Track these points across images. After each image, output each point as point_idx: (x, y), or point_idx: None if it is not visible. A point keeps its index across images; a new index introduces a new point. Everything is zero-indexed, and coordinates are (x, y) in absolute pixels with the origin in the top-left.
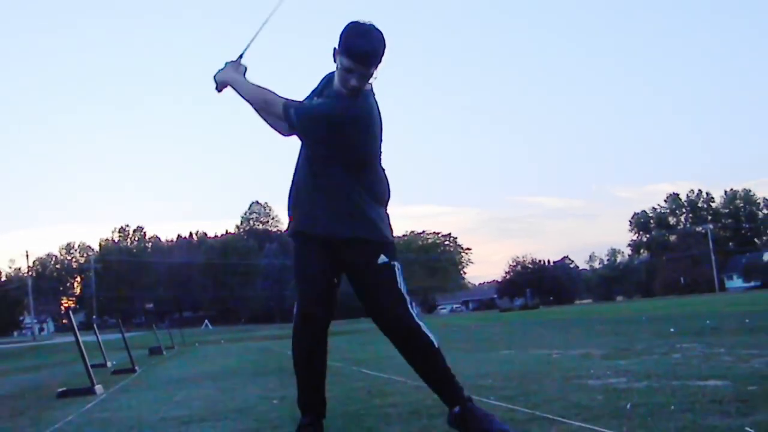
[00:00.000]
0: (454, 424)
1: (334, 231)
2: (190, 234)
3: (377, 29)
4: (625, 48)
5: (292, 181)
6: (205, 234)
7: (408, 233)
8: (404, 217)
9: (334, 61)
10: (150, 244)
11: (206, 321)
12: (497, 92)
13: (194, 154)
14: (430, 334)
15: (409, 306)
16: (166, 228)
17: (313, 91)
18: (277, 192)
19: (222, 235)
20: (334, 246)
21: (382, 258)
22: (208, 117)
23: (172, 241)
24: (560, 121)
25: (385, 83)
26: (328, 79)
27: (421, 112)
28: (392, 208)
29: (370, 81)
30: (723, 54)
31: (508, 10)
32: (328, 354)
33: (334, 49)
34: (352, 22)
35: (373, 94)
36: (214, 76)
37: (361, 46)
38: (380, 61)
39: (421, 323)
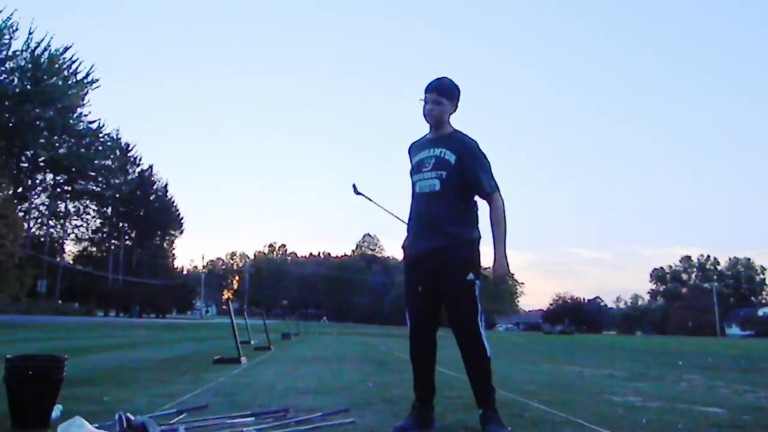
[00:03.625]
0: (480, 422)
1: None
2: (319, 253)
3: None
4: (660, 133)
5: None
6: (329, 254)
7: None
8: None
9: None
10: (290, 257)
11: (324, 317)
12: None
13: (331, 193)
14: (487, 346)
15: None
16: (302, 246)
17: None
18: (382, 226)
19: (341, 255)
20: None
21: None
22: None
23: (305, 256)
24: (601, 188)
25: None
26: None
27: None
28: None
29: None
30: (740, 140)
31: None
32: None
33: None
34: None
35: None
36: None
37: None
38: (447, 92)
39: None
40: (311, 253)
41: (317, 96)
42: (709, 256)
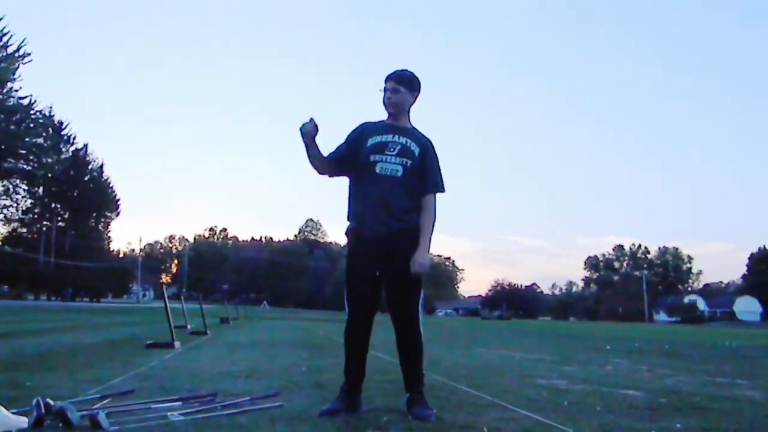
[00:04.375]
0: (406, 405)
1: None
2: (261, 237)
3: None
4: (597, 125)
5: None
6: (271, 238)
7: None
8: None
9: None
10: (230, 241)
11: (265, 302)
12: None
13: (272, 175)
14: (421, 331)
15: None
16: (243, 230)
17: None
18: (324, 211)
19: (283, 240)
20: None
21: None
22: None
23: (246, 240)
24: (541, 177)
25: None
26: (365, 127)
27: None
28: None
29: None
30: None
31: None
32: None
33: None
34: None
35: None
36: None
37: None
38: (406, 82)
39: (420, 320)
40: (253, 238)
41: (261, 74)
42: (640, 246)
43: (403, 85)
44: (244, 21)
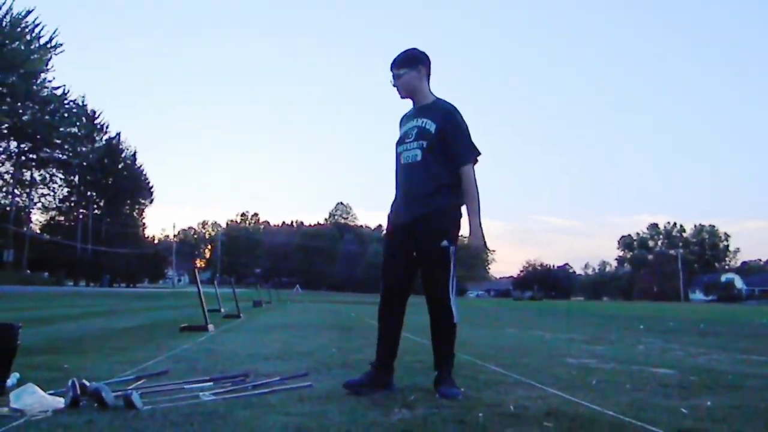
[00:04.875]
0: (433, 383)
1: None
2: (292, 222)
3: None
4: (631, 103)
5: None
6: (302, 222)
7: None
8: None
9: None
10: (262, 226)
11: (297, 286)
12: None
13: (302, 160)
14: (455, 312)
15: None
16: (275, 215)
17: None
18: (354, 195)
19: (314, 224)
20: None
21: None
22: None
23: (278, 225)
24: (573, 156)
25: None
26: (400, 120)
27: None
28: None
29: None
30: (707, 110)
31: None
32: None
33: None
34: None
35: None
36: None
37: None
38: (404, 62)
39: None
40: (284, 222)
41: (293, 62)
42: (675, 224)
43: (402, 68)
44: (272, 5)
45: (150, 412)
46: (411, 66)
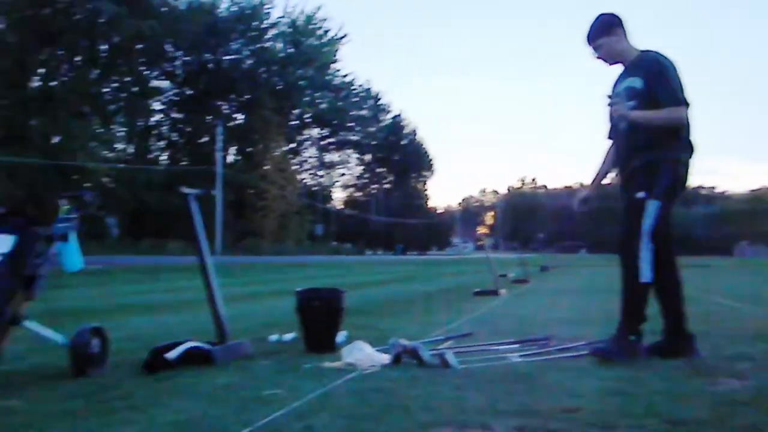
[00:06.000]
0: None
1: None
2: (573, 184)
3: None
4: None
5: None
6: (582, 184)
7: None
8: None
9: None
10: (542, 190)
11: (583, 249)
12: None
13: (581, 121)
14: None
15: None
16: (553, 179)
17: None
18: None
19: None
20: None
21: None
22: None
23: (557, 189)
24: None
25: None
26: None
27: None
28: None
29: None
30: None
31: None
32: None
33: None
34: None
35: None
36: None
37: None
38: (594, 35)
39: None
40: (565, 185)
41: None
42: None
43: (596, 40)
44: None
45: (465, 371)
46: (604, 33)
